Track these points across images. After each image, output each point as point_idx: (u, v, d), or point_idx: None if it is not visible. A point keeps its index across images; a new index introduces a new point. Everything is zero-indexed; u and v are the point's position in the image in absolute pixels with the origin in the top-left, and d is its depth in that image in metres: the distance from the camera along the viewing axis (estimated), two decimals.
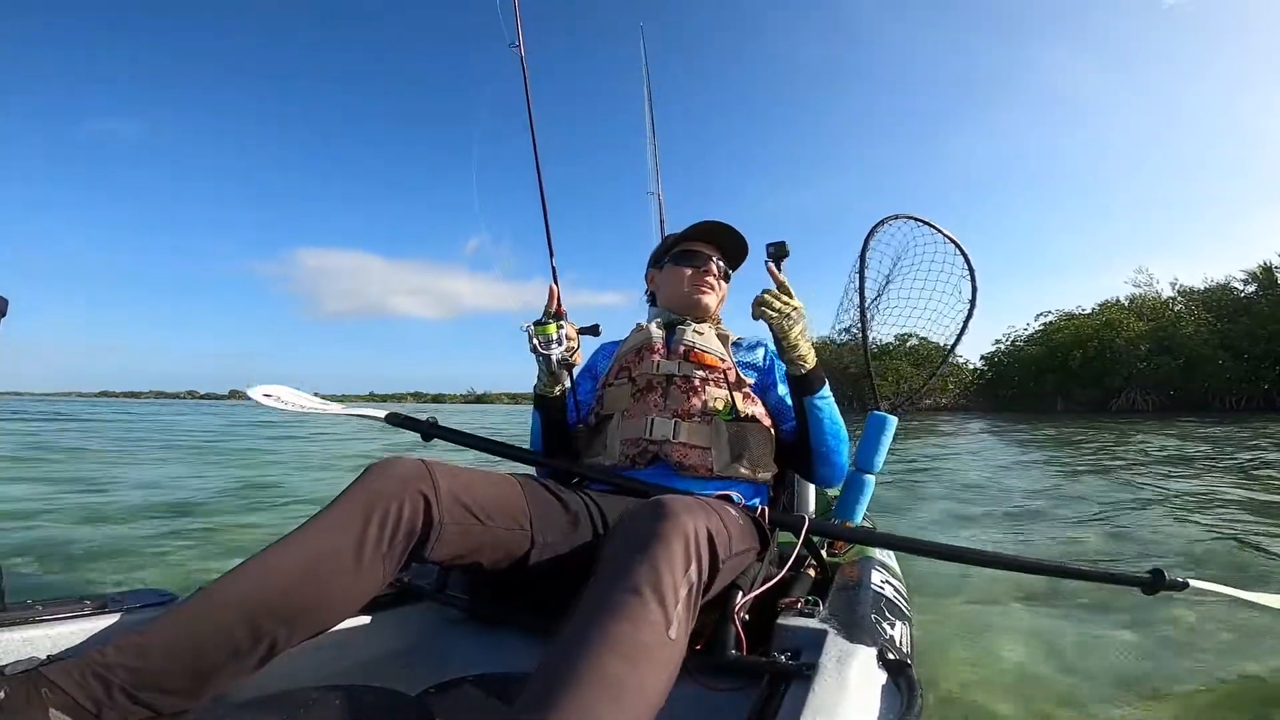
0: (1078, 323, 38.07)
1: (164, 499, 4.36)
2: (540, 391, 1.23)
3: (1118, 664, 1.67)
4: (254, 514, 4.02)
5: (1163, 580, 0.98)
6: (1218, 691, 1.50)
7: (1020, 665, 1.67)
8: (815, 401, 1.17)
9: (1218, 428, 12.90)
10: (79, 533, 3.23)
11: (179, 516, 3.75)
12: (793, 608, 0.92)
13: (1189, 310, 35.77)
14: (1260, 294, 34.33)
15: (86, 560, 2.73)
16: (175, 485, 5.10)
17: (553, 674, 0.58)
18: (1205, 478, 5.38)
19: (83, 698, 0.63)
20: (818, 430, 1.19)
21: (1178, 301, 37.79)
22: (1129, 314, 36.80)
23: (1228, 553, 2.88)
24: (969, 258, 1.53)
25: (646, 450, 1.15)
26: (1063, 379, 35.33)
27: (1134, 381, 33.75)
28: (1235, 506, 4.02)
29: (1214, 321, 33.67)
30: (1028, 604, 2.09)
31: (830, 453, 1.20)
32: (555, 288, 1.18)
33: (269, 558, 0.76)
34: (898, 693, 0.72)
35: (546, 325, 1.13)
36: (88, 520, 3.54)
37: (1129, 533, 3.32)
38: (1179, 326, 34.07)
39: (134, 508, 3.96)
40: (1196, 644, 1.75)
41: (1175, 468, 6.23)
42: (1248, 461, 6.68)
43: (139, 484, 5.11)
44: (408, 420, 1.16)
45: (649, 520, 0.72)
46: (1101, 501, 4.32)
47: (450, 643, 1.11)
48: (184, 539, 3.18)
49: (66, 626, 0.78)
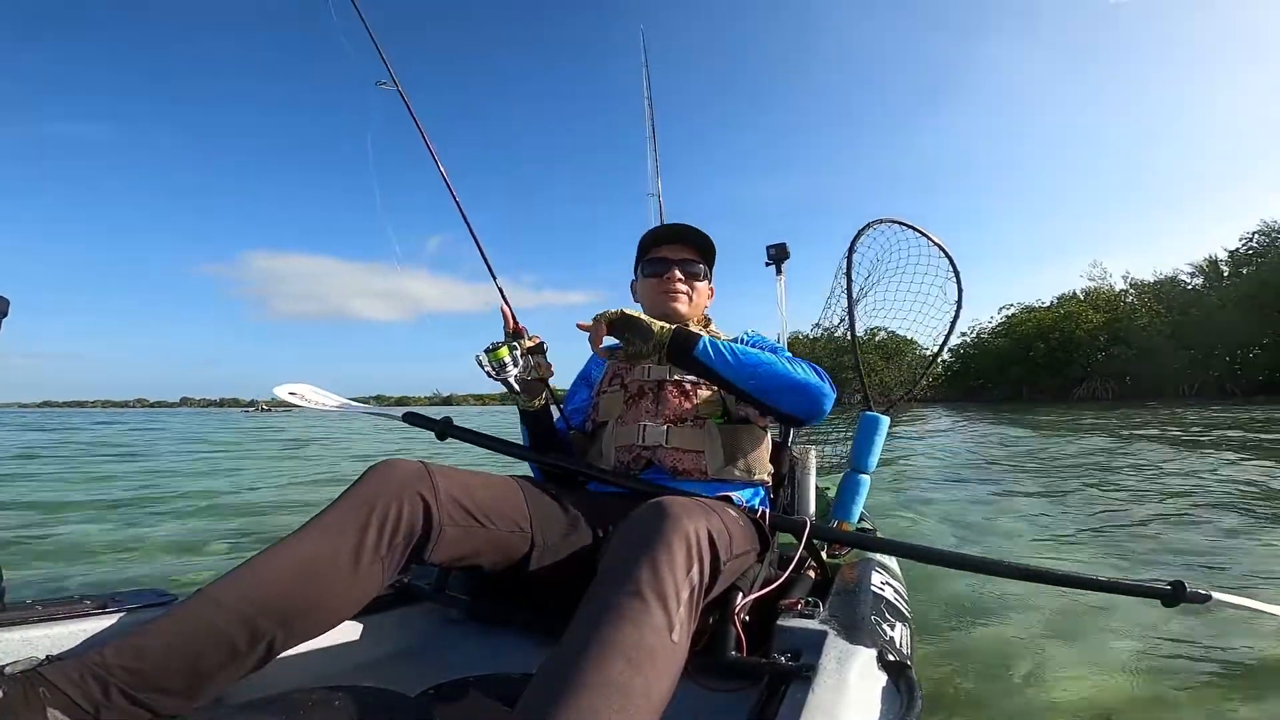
0: (1039, 315, 40.50)
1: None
2: (521, 407, 1.20)
3: (1120, 666, 1.67)
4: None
5: (1184, 592, 0.95)
6: (1227, 698, 1.49)
7: (1020, 666, 1.67)
8: (704, 355, 1.02)
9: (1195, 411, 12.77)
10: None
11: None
12: (793, 609, 0.92)
13: (1142, 302, 38.22)
14: (1208, 287, 36.69)
15: (87, 560, 2.73)
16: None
17: (555, 677, 0.58)
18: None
19: (81, 698, 0.63)
20: (740, 376, 1.05)
21: (1130, 294, 40.47)
22: (1086, 306, 39.28)
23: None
24: (954, 261, 1.56)
25: (640, 456, 1.15)
26: (1027, 370, 37.64)
27: (1094, 371, 35.92)
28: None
29: (1165, 313, 35.98)
30: (1028, 604, 2.09)
31: (767, 389, 1.06)
32: (506, 308, 1.14)
33: (268, 559, 0.76)
34: (897, 694, 0.72)
35: (499, 350, 1.10)
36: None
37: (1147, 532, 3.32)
38: (1134, 319, 36.50)
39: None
40: (1203, 648, 1.74)
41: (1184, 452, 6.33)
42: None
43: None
44: (424, 419, 1.18)
45: (650, 522, 0.72)
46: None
47: (450, 643, 1.11)
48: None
49: (66, 627, 0.78)
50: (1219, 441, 7.74)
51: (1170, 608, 0.98)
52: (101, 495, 4.80)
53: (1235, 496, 4.05)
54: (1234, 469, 5.29)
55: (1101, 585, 0.98)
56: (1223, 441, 7.74)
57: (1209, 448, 7.06)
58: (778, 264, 1.88)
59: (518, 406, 1.20)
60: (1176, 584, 0.96)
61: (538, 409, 1.21)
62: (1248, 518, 3.43)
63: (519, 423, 1.24)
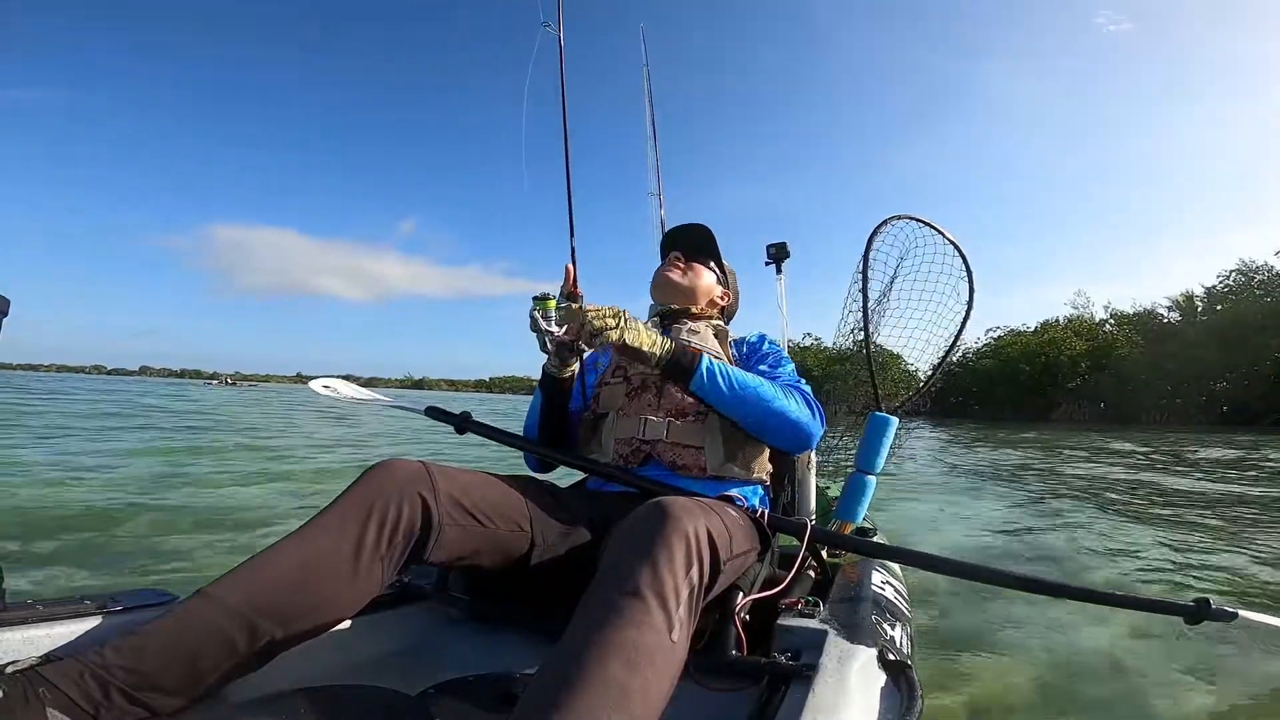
0: (1025, 339, 44.15)
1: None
2: (547, 370, 1.18)
3: (1122, 668, 1.67)
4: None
5: (1208, 609, 0.90)
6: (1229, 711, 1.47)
7: (1021, 666, 1.67)
8: (699, 386, 1.05)
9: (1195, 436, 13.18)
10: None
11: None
12: (793, 608, 0.92)
13: (1121, 333, 41.60)
14: (1183, 321, 40.18)
15: (87, 560, 2.73)
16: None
17: (554, 677, 0.58)
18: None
19: (80, 698, 0.63)
20: (732, 409, 1.07)
21: (1109, 323, 44.09)
22: (1068, 333, 42.83)
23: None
24: (967, 259, 1.54)
25: (639, 450, 1.14)
26: (1012, 390, 40.76)
27: (1074, 394, 39.06)
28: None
29: (1144, 344, 39.04)
30: (1030, 604, 2.09)
31: (756, 422, 1.09)
32: (571, 267, 1.12)
33: (267, 559, 0.76)
34: (898, 693, 0.72)
35: (547, 300, 1.07)
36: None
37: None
38: (1114, 347, 39.69)
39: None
40: (1223, 668, 1.71)
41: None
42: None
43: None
44: (444, 414, 1.21)
45: (650, 522, 0.72)
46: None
47: (450, 643, 1.11)
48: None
49: (66, 626, 0.78)
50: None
51: (1193, 625, 0.92)
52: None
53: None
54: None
55: (1122, 601, 0.93)
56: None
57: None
58: (778, 264, 1.87)
59: (543, 368, 1.18)
60: (1201, 601, 0.91)
61: (564, 378, 1.19)
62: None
63: (537, 386, 1.23)
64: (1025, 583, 0.92)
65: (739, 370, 1.10)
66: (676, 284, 1.34)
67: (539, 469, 1.29)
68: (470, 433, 1.17)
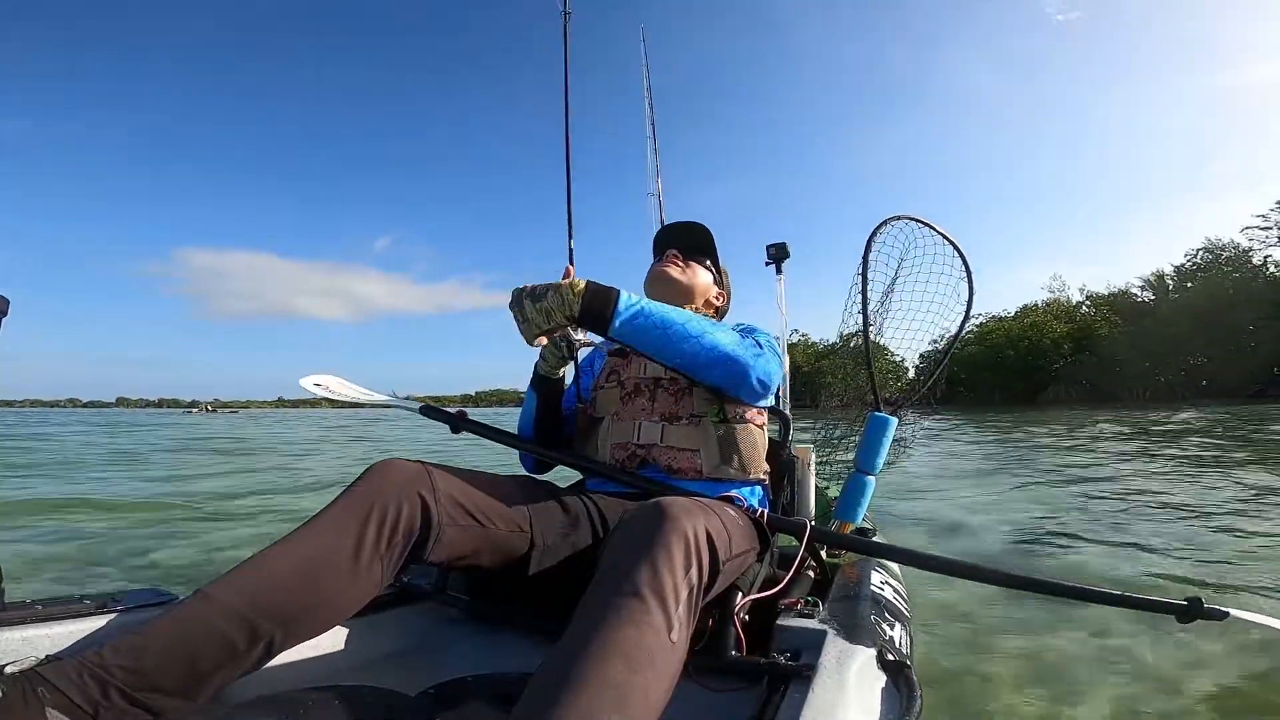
0: (1007, 325, 44.92)
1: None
2: (542, 372, 1.19)
3: (1122, 669, 1.67)
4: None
5: (1200, 608, 0.90)
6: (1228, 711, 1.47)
7: (1021, 666, 1.67)
8: (622, 329, 0.97)
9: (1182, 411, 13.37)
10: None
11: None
12: (792, 608, 0.92)
13: (1099, 313, 42.58)
14: (1156, 300, 41.65)
15: (86, 560, 2.73)
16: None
17: (553, 678, 0.58)
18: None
19: (80, 698, 0.63)
20: (662, 350, 1.00)
21: (1086, 304, 45.12)
22: (1048, 316, 43.86)
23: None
24: (966, 259, 1.55)
25: (635, 454, 1.14)
26: (998, 375, 41.52)
27: (1060, 377, 39.94)
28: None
29: (1122, 324, 40.11)
30: (1030, 604, 2.09)
31: (699, 359, 1.02)
32: (571, 268, 1.14)
33: (266, 559, 0.76)
34: (897, 693, 0.72)
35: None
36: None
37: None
38: (1095, 329, 40.67)
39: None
40: (1213, 666, 1.71)
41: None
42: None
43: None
44: (439, 412, 1.20)
45: (649, 522, 0.72)
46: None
47: (450, 643, 1.11)
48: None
49: (65, 626, 0.78)
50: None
51: (1185, 624, 0.92)
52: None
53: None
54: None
55: (1113, 599, 0.93)
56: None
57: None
58: (777, 263, 1.87)
59: (537, 370, 1.21)
60: (1193, 600, 0.91)
61: (557, 379, 1.21)
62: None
63: (529, 386, 1.24)
64: (1020, 582, 0.92)
65: (665, 305, 1.03)
66: (675, 280, 1.34)
67: (535, 470, 1.29)
68: (466, 432, 1.15)
